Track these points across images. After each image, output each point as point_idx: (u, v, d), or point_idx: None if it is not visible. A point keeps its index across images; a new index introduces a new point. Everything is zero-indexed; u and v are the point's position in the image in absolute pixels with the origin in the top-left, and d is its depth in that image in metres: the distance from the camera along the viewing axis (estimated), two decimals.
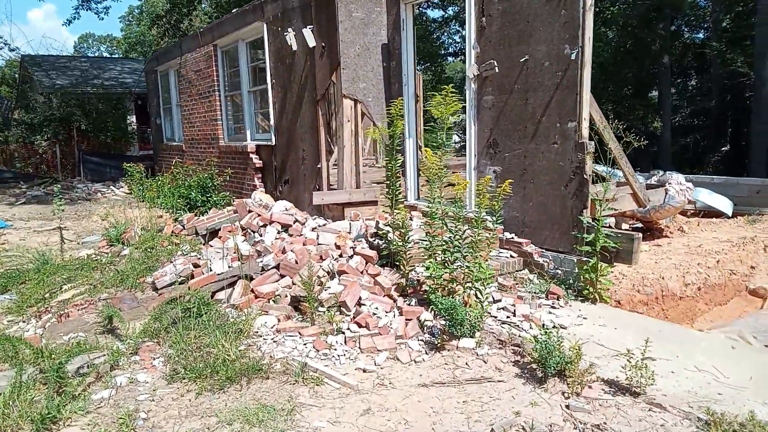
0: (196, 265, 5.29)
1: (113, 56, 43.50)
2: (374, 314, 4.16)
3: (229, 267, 5.18)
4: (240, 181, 9.48)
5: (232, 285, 4.91)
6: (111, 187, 13.93)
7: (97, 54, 52.36)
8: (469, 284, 4.22)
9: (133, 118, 19.98)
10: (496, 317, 4.24)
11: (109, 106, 17.95)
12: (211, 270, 5.09)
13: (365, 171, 7.64)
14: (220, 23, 9.82)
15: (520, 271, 5.40)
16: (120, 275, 5.42)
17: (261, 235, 6.06)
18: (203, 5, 28.11)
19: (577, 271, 5.12)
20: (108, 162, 16.81)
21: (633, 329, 4.22)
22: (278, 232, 6.06)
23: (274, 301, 4.57)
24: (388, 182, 5.25)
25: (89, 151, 17.07)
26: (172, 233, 6.79)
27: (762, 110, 14.71)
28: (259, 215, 6.62)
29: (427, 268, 4.26)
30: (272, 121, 8.50)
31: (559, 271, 5.27)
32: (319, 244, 5.35)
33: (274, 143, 8.54)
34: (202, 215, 8.09)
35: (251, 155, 8.99)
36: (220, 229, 6.57)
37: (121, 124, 18.44)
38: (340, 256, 5.12)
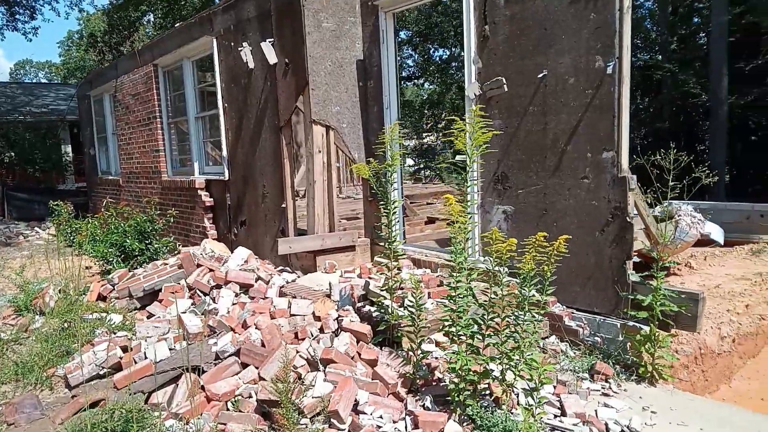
0: (125, 349, 3.94)
1: (46, 82, 40.89)
2: (379, 427, 2.93)
3: (170, 350, 3.85)
4: (187, 223, 8.09)
5: (175, 380, 3.58)
6: (36, 228, 12.16)
7: (35, 81, 49.39)
8: (512, 376, 3.07)
9: (69, 148, 18.14)
10: (548, 425, 3.08)
11: (38, 136, 16.11)
12: (145, 357, 3.75)
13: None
14: (161, 40, 8.51)
15: (547, 338, 4.30)
16: (21, 366, 3.99)
17: (214, 300, 4.75)
18: (147, 29, 26.53)
19: (621, 338, 4.07)
20: (36, 198, 14.94)
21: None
22: (236, 295, 4.76)
23: (234, 405, 3.28)
24: (382, 230, 4.08)
25: (15, 185, 15.16)
26: (98, 297, 5.37)
27: (717, 131, 14.62)
28: (210, 270, 5.30)
29: (451, 361, 3.08)
30: (225, 152, 7.22)
31: (598, 339, 4.20)
32: (292, 314, 4.09)
33: (227, 178, 7.24)
34: (140, 266, 6.68)
35: (200, 192, 7.65)
36: (161, 290, 5.22)
37: (52, 155, 16.60)
38: (321, 331, 3.87)
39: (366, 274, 5.19)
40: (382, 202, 3.98)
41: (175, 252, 7.05)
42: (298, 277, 5.50)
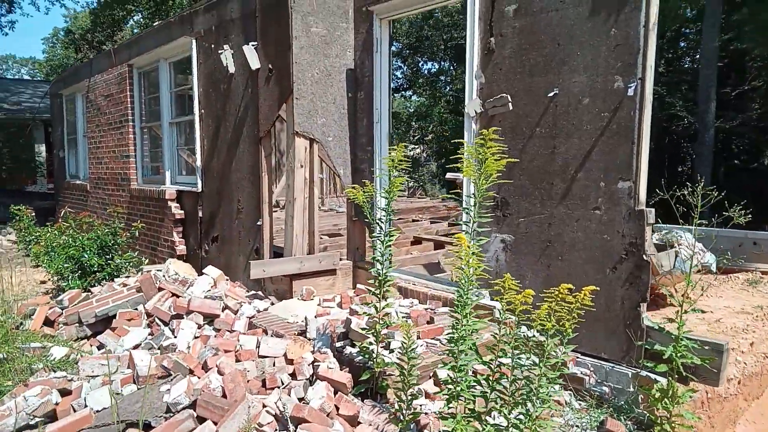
0: (64, 392, 3.36)
1: (24, 78, 39.78)
2: None
3: (117, 395, 3.28)
4: (154, 237, 7.50)
5: None
6: None
7: (16, 77, 48.12)
8: None
9: (42, 148, 17.35)
10: None
11: (8, 135, 15.33)
12: (85, 404, 3.17)
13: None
14: (138, 38, 7.97)
15: None
16: None
17: (173, 331, 4.18)
18: (134, 29, 25.85)
19: (633, 389, 3.61)
20: (2, 199, 14.17)
21: None
22: (199, 326, 4.21)
23: None
24: (366, 254, 3.58)
25: None
26: (46, 321, 4.77)
27: (704, 154, 14.53)
28: (173, 295, 4.74)
29: (446, 428, 2.57)
30: (199, 162, 6.67)
31: (606, 388, 3.73)
32: (261, 356, 3.54)
33: (200, 189, 6.68)
34: (99, 283, 6.08)
35: (170, 203, 7.08)
36: (115, 316, 4.63)
37: (22, 155, 15.81)
38: (294, 377, 3.34)
39: (347, 303, 4.68)
40: (376, 233, 3.48)
41: (139, 269, 6.46)
42: (272, 304, 4.96)
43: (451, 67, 25.31)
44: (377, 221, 3.40)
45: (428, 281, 4.93)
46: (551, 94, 3.93)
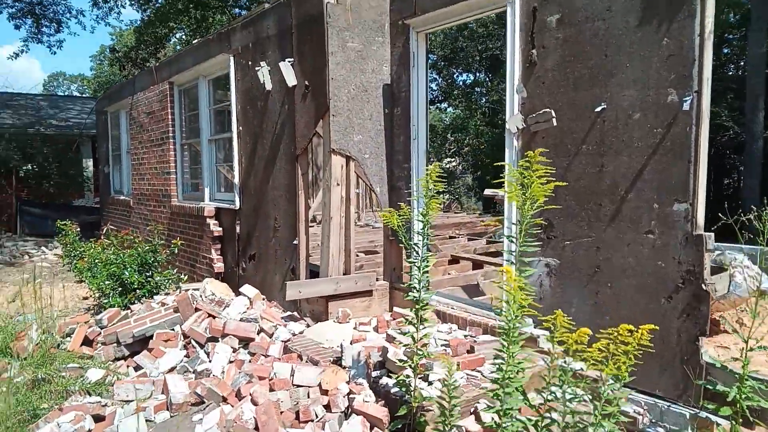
0: (98, 419, 3.32)
1: (73, 95, 41.39)
2: None
3: (148, 422, 3.23)
4: (193, 253, 7.54)
5: None
6: (43, 248, 11.76)
7: (66, 94, 50.22)
8: None
9: (90, 163, 17.92)
10: None
11: (57, 150, 15.88)
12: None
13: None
14: (178, 56, 8.09)
15: None
16: None
17: (208, 354, 4.13)
18: (177, 45, 26.57)
19: None
20: (50, 213, 14.64)
21: None
22: (234, 350, 4.14)
23: None
24: (403, 277, 3.44)
25: (29, 201, 14.90)
26: (84, 340, 4.80)
27: (753, 166, 13.79)
28: (210, 316, 4.69)
29: None
30: (237, 179, 6.67)
31: (661, 430, 3.46)
32: (294, 385, 3.43)
33: (238, 207, 6.68)
34: (139, 300, 6.12)
35: (209, 220, 7.10)
36: (152, 336, 4.62)
37: (70, 170, 16.34)
38: (329, 409, 3.21)
39: (384, 328, 4.53)
40: (412, 258, 3.34)
41: (177, 286, 6.48)
42: (307, 327, 4.86)
43: (487, 79, 25.02)
44: (413, 245, 3.25)
45: (467, 305, 4.74)
46: (599, 109, 3.72)
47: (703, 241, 3.31)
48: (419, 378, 3.32)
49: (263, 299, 5.66)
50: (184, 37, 24.48)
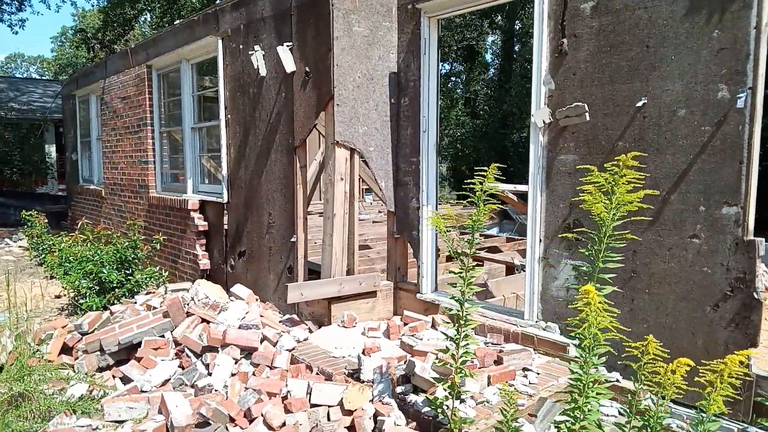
0: None
1: (34, 78, 39.56)
2: None
3: None
4: (175, 249, 7.07)
5: None
6: (6, 239, 11.01)
7: (25, 76, 47.97)
8: None
9: (53, 149, 16.99)
10: None
11: (19, 135, 14.98)
12: None
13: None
14: (158, 38, 7.54)
15: None
16: None
17: (207, 366, 3.74)
18: (143, 28, 25.50)
19: None
20: (12, 202, 13.83)
21: None
22: (235, 361, 3.76)
23: None
24: (407, 275, 3.12)
25: None
26: (63, 349, 4.34)
27: None
28: (203, 321, 4.30)
29: None
30: (225, 171, 6.23)
31: None
32: (312, 405, 3.09)
33: (226, 200, 6.25)
34: (118, 300, 5.66)
35: (192, 214, 6.64)
36: (140, 344, 4.20)
37: (33, 156, 15.46)
38: (352, 431, 2.88)
39: (395, 333, 4.23)
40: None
41: (159, 284, 6.02)
42: (310, 332, 4.52)
43: (462, 69, 24.79)
44: (458, 254, 2.93)
45: (483, 308, 4.46)
46: (639, 104, 3.46)
47: (754, 247, 3.10)
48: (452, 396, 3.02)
49: (257, 300, 5.28)
50: (152, 19, 23.50)
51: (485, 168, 2.75)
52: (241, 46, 5.90)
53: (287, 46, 5.14)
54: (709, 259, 3.25)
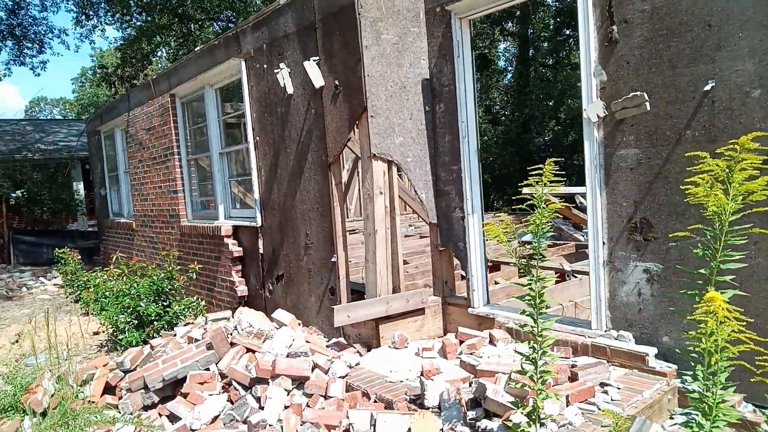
0: None
1: (57, 118, 40.52)
2: None
3: None
4: (210, 276, 6.92)
5: None
6: (41, 278, 11.05)
7: (48, 118, 49.23)
8: None
9: (81, 186, 17.20)
10: None
11: (47, 175, 15.18)
12: None
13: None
14: (180, 66, 7.49)
15: None
16: None
17: (258, 400, 3.52)
18: (160, 63, 25.90)
19: None
20: (44, 240, 13.94)
21: None
22: (287, 392, 3.54)
23: None
24: (454, 289, 2.87)
25: (21, 228, 14.17)
26: (105, 388, 4.17)
27: None
28: (249, 351, 4.10)
29: None
30: (257, 194, 6.08)
31: None
32: None
33: (260, 224, 6.09)
34: (158, 333, 5.50)
35: (226, 240, 6.50)
36: (185, 378, 4.01)
37: (62, 195, 15.63)
38: None
39: (452, 352, 3.96)
40: (525, 275, 2.79)
41: (196, 314, 5.86)
42: (360, 356, 4.28)
43: (479, 77, 24.59)
44: (526, 265, 2.68)
45: (542, 320, 4.17)
46: (707, 88, 3.19)
47: None
48: (524, 416, 2.75)
49: (299, 324, 5.06)
50: (167, 52, 23.83)
51: (541, 166, 2.50)
52: (265, 66, 5.77)
53: (314, 60, 4.99)
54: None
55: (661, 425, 3.05)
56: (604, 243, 3.74)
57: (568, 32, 19.88)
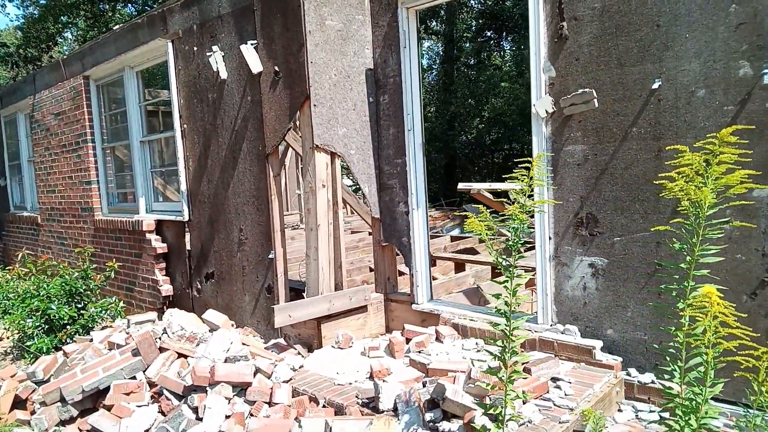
0: None
1: None
2: None
3: None
4: (131, 276, 6.40)
5: None
6: None
7: None
8: None
9: None
10: None
11: None
12: None
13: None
14: (96, 46, 6.86)
15: None
16: None
17: (196, 410, 3.23)
18: (64, 45, 23.96)
19: None
20: None
21: None
22: (228, 401, 3.27)
23: None
24: (397, 284, 2.77)
25: None
26: (15, 402, 3.70)
27: None
28: (180, 356, 3.78)
29: None
30: (184, 186, 5.67)
31: None
32: None
33: (187, 218, 5.68)
34: (71, 338, 5.00)
35: (149, 235, 6.03)
36: (108, 388, 3.63)
37: None
38: None
39: (401, 351, 3.85)
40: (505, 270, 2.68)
41: (115, 316, 5.38)
42: (303, 357, 4.07)
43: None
44: (504, 263, 2.59)
45: (486, 314, 4.15)
46: (654, 86, 3.25)
47: None
48: (486, 416, 2.68)
49: (232, 324, 4.76)
50: (75, 33, 22.10)
51: (529, 159, 2.42)
52: (195, 48, 5.38)
53: (251, 44, 4.69)
54: (742, 246, 3.06)
55: (612, 418, 3.08)
56: (550, 238, 3.76)
57: (489, 34, 20.41)
